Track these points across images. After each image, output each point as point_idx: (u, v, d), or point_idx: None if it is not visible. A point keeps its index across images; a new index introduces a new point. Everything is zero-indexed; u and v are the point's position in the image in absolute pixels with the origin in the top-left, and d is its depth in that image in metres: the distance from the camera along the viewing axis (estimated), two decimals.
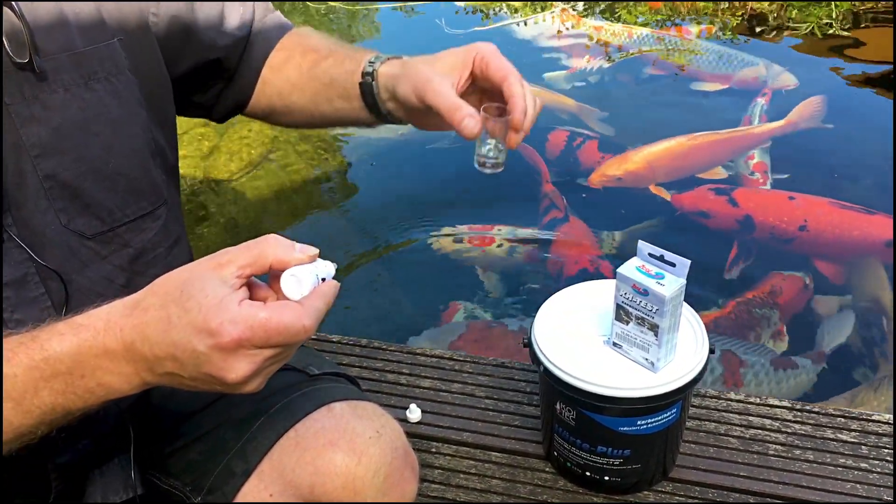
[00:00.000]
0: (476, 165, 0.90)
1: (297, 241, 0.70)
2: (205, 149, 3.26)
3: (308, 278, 0.68)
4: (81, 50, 0.79)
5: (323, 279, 0.69)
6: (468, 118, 0.82)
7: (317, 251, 0.70)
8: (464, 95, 0.86)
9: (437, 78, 0.85)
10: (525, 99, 0.84)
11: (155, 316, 0.65)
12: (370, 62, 0.93)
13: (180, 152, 0.98)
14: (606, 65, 3.89)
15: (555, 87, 3.61)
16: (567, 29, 4.28)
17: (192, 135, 3.31)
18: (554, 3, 4.63)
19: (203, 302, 0.63)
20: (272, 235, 0.69)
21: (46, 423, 0.68)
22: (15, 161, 0.74)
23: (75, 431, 0.82)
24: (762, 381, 2.14)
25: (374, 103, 0.94)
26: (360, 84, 0.93)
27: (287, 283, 0.67)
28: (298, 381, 0.90)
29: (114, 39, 0.82)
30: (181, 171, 1.01)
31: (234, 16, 0.98)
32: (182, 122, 3.41)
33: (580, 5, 4.58)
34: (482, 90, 0.90)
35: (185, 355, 0.64)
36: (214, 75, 1.00)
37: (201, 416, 0.90)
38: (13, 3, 0.73)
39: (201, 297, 0.64)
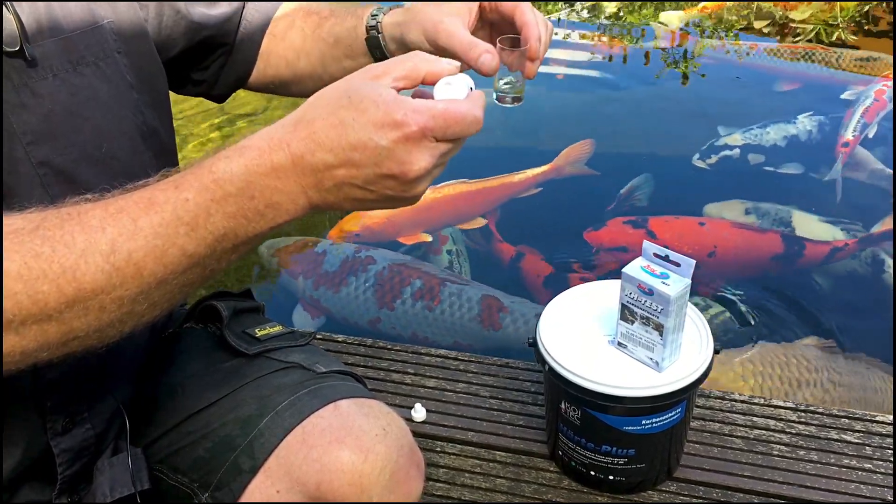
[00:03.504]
0: (496, 101, 0.88)
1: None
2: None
3: (461, 85, 0.71)
4: (68, 35, 0.78)
5: (471, 88, 0.72)
6: (485, 54, 0.81)
7: (459, 64, 0.72)
8: (473, 32, 0.85)
9: (448, 19, 0.84)
10: (539, 26, 0.83)
11: (325, 124, 0.65)
12: (372, 15, 0.93)
13: (184, 156, 0.97)
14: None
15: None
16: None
17: (196, 143, 3.31)
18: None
19: (379, 100, 0.64)
20: (418, 51, 0.71)
21: (217, 255, 0.66)
22: (7, 149, 0.74)
23: (74, 415, 0.83)
24: None
25: (383, 56, 0.92)
26: (367, 39, 0.93)
27: (443, 90, 0.70)
28: (305, 379, 0.90)
29: (101, 22, 0.82)
30: None
31: None
32: (184, 126, 3.41)
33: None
34: (490, 24, 0.89)
35: (364, 155, 0.64)
36: (212, 51, 1.00)
37: (208, 413, 0.90)
38: None
39: (375, 97, 0.65)
